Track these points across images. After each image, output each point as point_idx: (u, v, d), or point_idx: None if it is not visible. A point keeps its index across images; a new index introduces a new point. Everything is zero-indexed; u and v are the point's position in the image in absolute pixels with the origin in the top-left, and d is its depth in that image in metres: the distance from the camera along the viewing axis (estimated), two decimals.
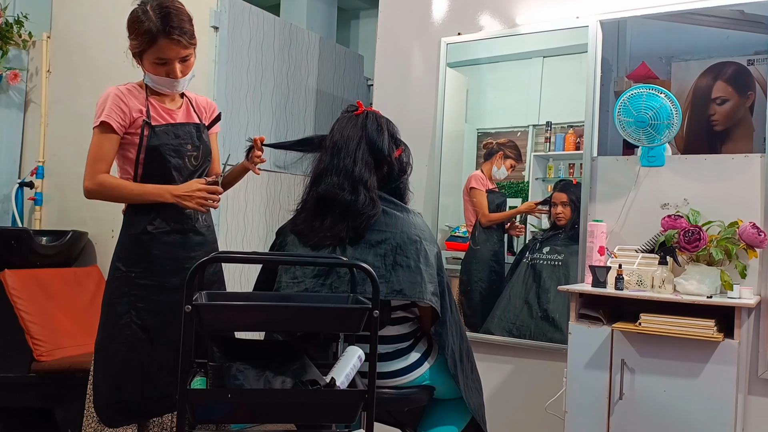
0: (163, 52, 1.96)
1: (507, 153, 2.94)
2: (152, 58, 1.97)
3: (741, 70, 2.64)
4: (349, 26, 5.19)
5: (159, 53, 1.96)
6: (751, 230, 2.20)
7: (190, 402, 1.42)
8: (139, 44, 1.97)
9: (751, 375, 2.30)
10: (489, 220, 2.97)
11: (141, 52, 1.98)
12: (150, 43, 1.95)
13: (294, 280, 1.81)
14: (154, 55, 1.97)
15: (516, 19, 2.89)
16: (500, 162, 2.93)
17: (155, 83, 2.02)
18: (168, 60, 1.98)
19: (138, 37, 1.96)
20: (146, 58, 1.98)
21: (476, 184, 2.98)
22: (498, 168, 2.93)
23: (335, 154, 1.85)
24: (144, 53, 1.98)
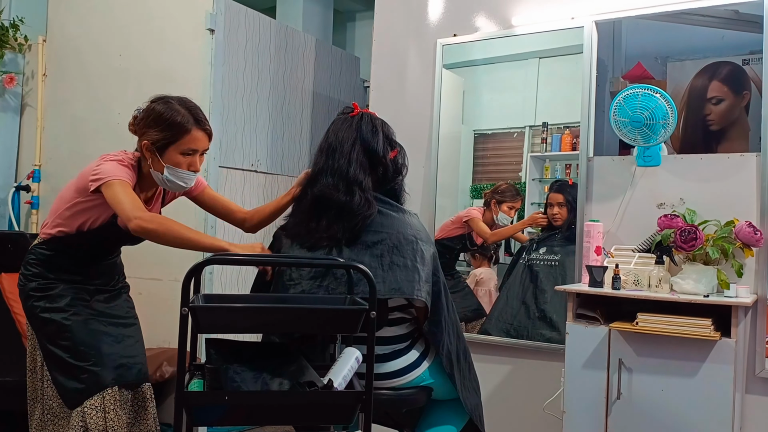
0: (196, 142, 1.98)
1: (498, 198, 2.94)
2: (182, 148, 1.96)
3: (736, 70, 2.65)
4: (345, 28, 5.19)
5: (192, 144, 1.97)
6: (747, 229, 2.21)
7: (188, 404, 1.41)
8: (169, 136, 1.95)
9: (749, 374, 2.31)
10: (496, 238, 2.98)
11: (167, 144, 1.96)
12: (183, 134, 1.95)
13: (290, 281, 1.81)
14: (185, 146, 1.96)
15: (511, 20, 2.90)
16: (497, 209, 2.94)
17: (172, 178, 1.99)
18: (196, 151, 1.99)
19: (167, 129, 1.95)
20: (172, 150, 1.96)
21: (470, 214, 3.01)
22: (497, 215, 2.94)
23: (330, 155, 1.86)
24: (171, 145, 1.96)
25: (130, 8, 3.44)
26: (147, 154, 1.99)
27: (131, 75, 3.41)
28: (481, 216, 2.98)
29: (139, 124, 2.01)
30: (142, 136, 1.99)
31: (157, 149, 1.96)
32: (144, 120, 1.99)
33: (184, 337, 1.41)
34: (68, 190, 2.11)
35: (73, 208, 2.07)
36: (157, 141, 1.96)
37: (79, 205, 2.05)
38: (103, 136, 3.47)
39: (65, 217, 2.09)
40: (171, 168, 1.98)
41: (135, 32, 3.41)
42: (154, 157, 1.98)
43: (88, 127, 3.55)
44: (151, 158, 1.98)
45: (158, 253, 3.14)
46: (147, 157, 2.00)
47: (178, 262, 3.02)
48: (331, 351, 1.80)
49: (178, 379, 1.40)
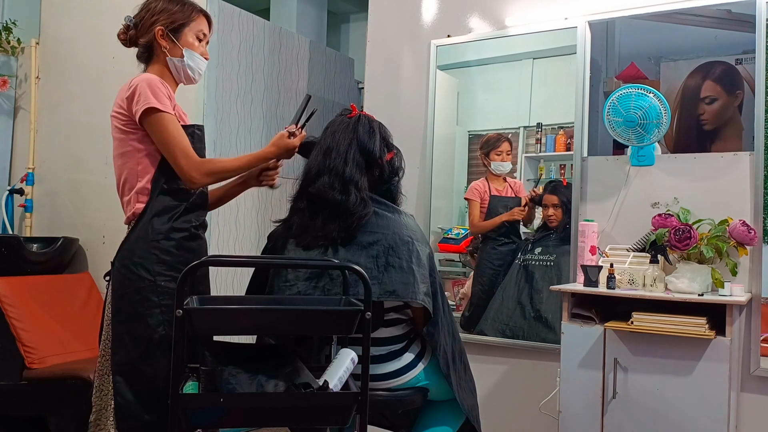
0: (205, 26, 1.98)
1: (485, 151, 2.94)
2: (196, 30, 1.95)
3: (729, 70, 2.66)
4: (339, 30, 5.19)
5: (202, 26, 1.97)
6: (741, 228, 2.22)
7: (183, 407, 1.41)
8: (184, 15, 1.93)
9: (744, 372, 2.31)
10: (477, 229, 2.98)
11: (182, 24, 1.93)
12: (196, 14, 1.95)
13: (286, 283, 1.80)
14: (198, 28, 1.96)
15: (505, 21, 2.90)
16: (488, 161, 2.93)
17: (191, 63, 1.95)
18: (205, 37, 1.98)
19: (182, 11, 1.93)
20: (188, 32, 1.94)
21: (470, 195, 2.99)
22: (489, 166, 2.92)
23: (326, 155, 1.86)
24: (186, 26, 1.94)
25: (123, 10, 3.42)
26: (162, 41, 1.92)
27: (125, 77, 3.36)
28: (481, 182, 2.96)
29: (142, 21, 1.95)
30: (150, 26, 1.92)
31: (172, 32, 1.92)
32: (148, 12, 1.94)
33: (179, 339, 1.41)
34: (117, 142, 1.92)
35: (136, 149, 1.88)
36: (173, 22, 1.92)
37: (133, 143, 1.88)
38: (97, 139, 3.46)
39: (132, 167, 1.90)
40: (189, 51, 1.95)
41: None
42: (170, 43, 1.93)
43: (82, 130, 3.54)
44: (168, 45, 1.93)
45: None
46: (163, 45, 1.92)
47: None
48: (327, 352, 1.80)
49: (172, 382, 1.40)
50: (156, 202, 1.86)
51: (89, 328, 3.12)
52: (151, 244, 1.83)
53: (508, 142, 2.91)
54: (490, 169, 2.94)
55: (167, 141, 1.83)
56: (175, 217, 1.88)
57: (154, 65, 1.96)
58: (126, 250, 1.85)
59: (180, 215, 1.89)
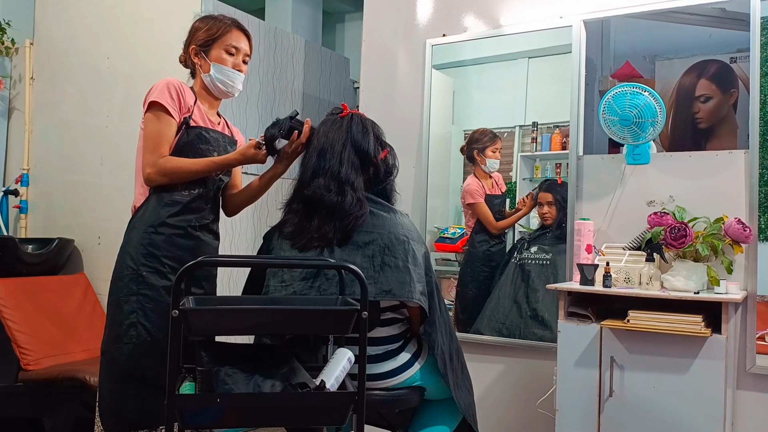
0: (238, 40, 2.06)
1: (479, 147, 2.92)
2: (225, 45, 2.04)
3: (724, 68, 2.67)
4: (335, 29, 5.19)
5: (233, 40, 2.05)
6: (736, 226, 2.22)
7: (179, 407, 1.41)
8: (214, 33, 2.03)
9: (740, 369, 2.32)
10: (499, 228, 2.96)
11: (212, 41, 2.03)
12: (225, 31, 2.04)
13: (282, 283, 1.80)
14: (227, 43, 2.04)
15: (500, 20, 2.91)
16: (482, 158, 2.92)
17: (219, 76, 2.04)
18: (238, 50, 2.06)
19: (212, 27, 2.04)
20: (216, 48, 2.04)
21: (472, 198, 2.97)
22: (483, 164, 2.91)
23: (321, 156, 1.85)
24: (215, 42, 2.03)
25: (117, 10, 3.43)
26: (196, 59, 2.06)
27: (119, 77, 3.39)
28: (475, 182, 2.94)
29: (185, 42, 2.09)
30: (188, 47, 2.07)
31: (202, 49, 2.04)
32: (189, 33, 2.08)
33: (175, 339, 1.41)
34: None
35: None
36: (201, 40, 2.04)
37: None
38: (92, 139, 3.46)
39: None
40: (216, 65, 2.03)
41: (123, 34, 3.39)
42: (201, 60, 2.05)
43: (77, 131, 3.53)
44: (200, 62, 2.05)
45: None
46: (197, 62, 2.06)
47: None
48: (323, 352, 1.80)
49: (168, 382, 1.40)
50: (154, 196, 1.97)
51: (85, 330, 3.11)
52: (142, 235, 1.93)
53: (497, 137, 2.91)
54: (483, 167, 2.92)
55: (145, 133, 1.95)
56: (171, 213, 1.95)
57: (196, 81, 2.10)
58: (124, 238, 1.98)
59: (178, 213, 1.96)
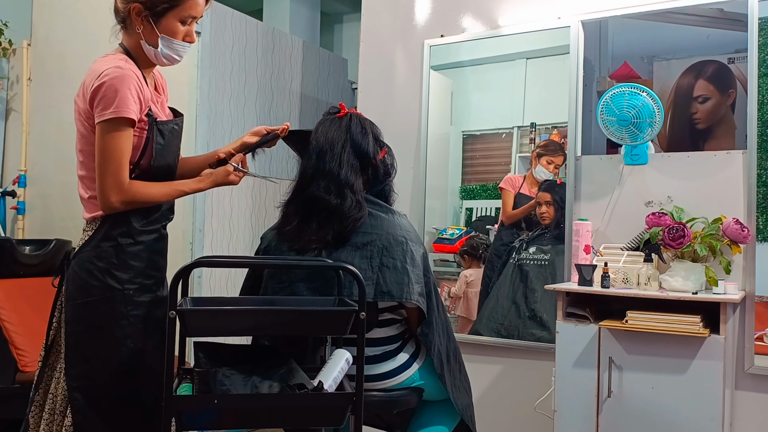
0: (195, 7, 1.70)
1: (539, 152, 2.89)
2: (180, 15, 1.69)
3: (722, 69, 2.67)
4: (333, 30, 5.19)
5: (193, 9, 1.70)
6: (734, 226, 2.22)
7: (177, 409, 1.40)
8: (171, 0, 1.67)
9: (738, 370, 2.32)
10: (508, 217, 2.93)
11: (167, 9, 1.67)
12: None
13: (280, 284, 1.80)
14: (183, 13, 1.69)
15: (498, 21, 2.91)
16: (536, 162, 2.90)
17: (167, 51, 1.71)
18: (194, 19, 1.73)
19: None
20: (170, 17, 1.67)
21: (505, 185, 2.94)
22: (535, 168, 2.90)
23: (320, 157, 1.84)
24: (171, 10, 1.67)
25: None
26: (136, 20, 1.67)
27: None
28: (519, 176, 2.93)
29: None
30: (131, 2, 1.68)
31: (151, 14, 1.67)
32: None
33: (172, 340, 1.40)
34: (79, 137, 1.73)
35: None
36: (154, 5, 1.66)
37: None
38: None
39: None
40: (166, 39, 1.70)
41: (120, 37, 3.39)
42: (145, 26, 1.68)
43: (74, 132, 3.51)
44: (143, 27, 1.68)
45: None
46: (135, 24, 1.68)
47: None
48: (321, 353, 1.79)
49: (166, 384, 1.39)
50: None
51: None
52: (120, 248, 1.68)
53: (563, 156, 2.83)
54: (533, 170, 2.91)
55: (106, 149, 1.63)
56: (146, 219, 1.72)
57: (129, 38, 1.73)
58: (89, 253, 1.67)
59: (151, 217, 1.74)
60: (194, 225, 3.07)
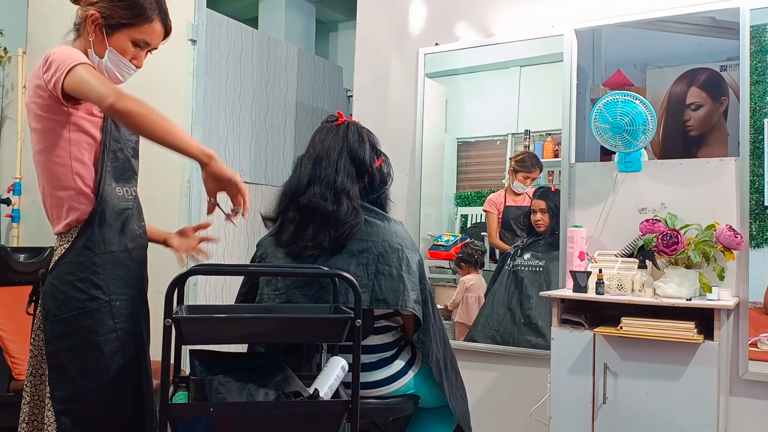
0: (152, 35, 1.65)
1: (515, 167, 2.94)
2: (134, 36, 1.63)
3: (714, 76, 2.69)
4: (328, 38, 5.21)
5: (147, 35, 1.64)
6: (727, 233, 2.24)
7: (172, 417, 1.40)
8: (127, 15, 1.61)
9: (732, 376, 2.33)
10: (493, 244, 3.00)
11: (120, 25, 1.61)
12: (143, 20, 1.63)
13: (276, 291, 1.80)
14: (138, 35, 1.63)
15: (492, 29, 2.92)
16: (513, 177, 2.94)
17: (110, 66, 1.64)
18: (147, 46, 1.67)
19: (128, 8, 1.61)
20: (123, 34, 1.62)
21: (488, 207, 2.99)
22: (512, 183, 2.93)
23: (317, 164, 1.85)
24: (124, 28, 1.61)
25: None
26: (90, 27, 1.61)
27: None
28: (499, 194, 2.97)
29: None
30: (89, 4, 1.61)
31: (106, 26, 1.60)
32: None
33: (167, 348, 1.40)
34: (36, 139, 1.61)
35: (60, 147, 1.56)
36: (110, 17, 1.60)
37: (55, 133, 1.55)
38: None
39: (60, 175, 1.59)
40: (113, 53, 1.62)
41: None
42: (97, 35, 1.61)
43: None
44: (94, 35, 1.61)
45: None
46: (89, 31, 1.61)
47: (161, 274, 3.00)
48: (317, 360, 1.79)
49: (161, 392, 1.39)
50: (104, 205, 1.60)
51: None
52: (104, 256, 1.58)
53: (539, 170, 2.90)
54: (512, 185, 2.94)
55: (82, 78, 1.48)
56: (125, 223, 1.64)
57: (79, 45, 1.66)
58: (69, 264, 1.56)
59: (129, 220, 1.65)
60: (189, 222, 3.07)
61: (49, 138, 1.58)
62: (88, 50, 1.62)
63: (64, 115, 1.56)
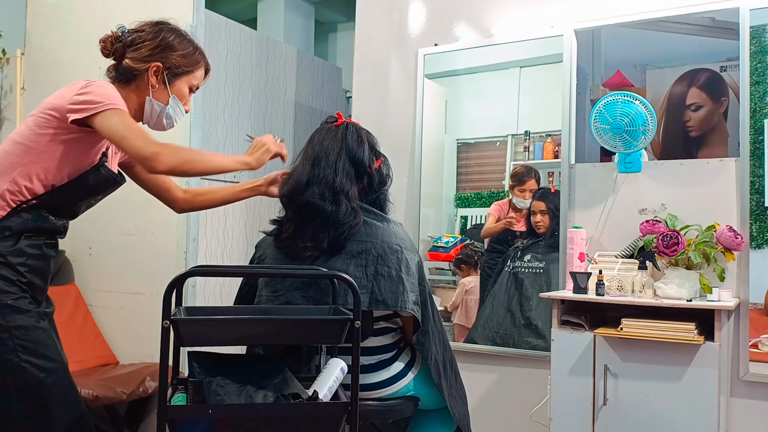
0: (200, 78, 1.82)
1: (511, 183, 2.94)
2: (191, 82, 1.79)
3: (714, 77, 2.68)
4: (327, 39, 5.21)
5: (198, 79, 1.81)
6: (728, 233, 2.23)
7: (170, 419, 1.39)
8: (188, 64, 1.76)
9: (733, 377, 2.32)
10: (485, 235, 3.01)
11: (182, 73, 1.76)
12: (198, 66, 1.79)
13: (275, 293, 1.79)
14: (193, 80, 1.79)
15: (492, 30, 2.92)
16: (512, 193, 2.93)
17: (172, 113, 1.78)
18: (197, 88, 1.83)
19: (190, 56, 1.76)
20: (182, 81, 1.77)
21: (492, 210, 3.00)
22: (513, 198, 2.93)
23: (315, 164, 1.84)
24: (184, 75, 1.77)
25: (109, 21, 3.40)
26: (152, 78, 1.72)
27: None
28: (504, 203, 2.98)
29: (140, 43, 1.71)
30: (147, 56, 1.71)
31: (170, 76, 1.74)
32: (154, 38, 1.72)
33: (165, 350, 1.39)
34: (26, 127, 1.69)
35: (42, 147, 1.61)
36: (176, 67, 1.74)
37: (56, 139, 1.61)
38: None
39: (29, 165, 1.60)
40: (176, 100, 1.77)
41: None
42: (161, 84, 1.73)
43: None
44: (158, 84, 1.73)
45: (140, 266, 3.12)
46: (150, 82, 1.72)
47: (160, 275, 3.00)
48: (316, 362, 1.79)
49: (160, 394, 1.38)
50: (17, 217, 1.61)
51: (75, 341, 3.08)
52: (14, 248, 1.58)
53: (535, 180, 2.89)
54: (513, 200, 2.94)
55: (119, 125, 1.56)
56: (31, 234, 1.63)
57: (128, 92, 1.74)
58: None
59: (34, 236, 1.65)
60: (188, 234, 3.06)
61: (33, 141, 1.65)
62: (147, 99, 1.74)
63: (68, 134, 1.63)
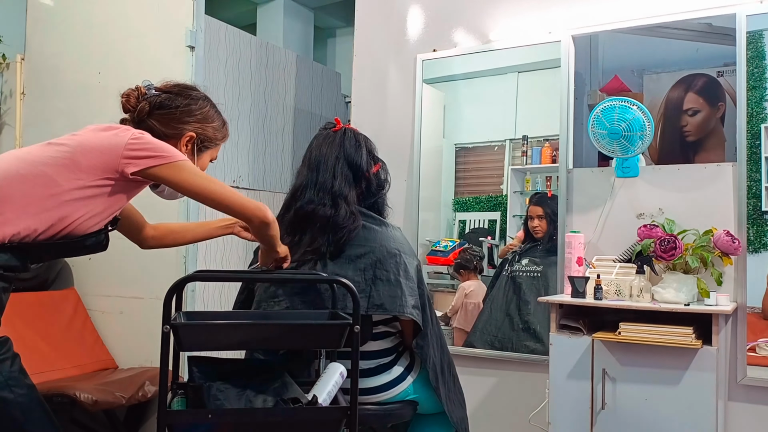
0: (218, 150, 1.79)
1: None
2: (214, 154, 1.77)
3: (711, 82, 2.69)
4: (326, 44, 5.22)
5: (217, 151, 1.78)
6: (725, 238, 2.24)
7: (170, 423, 1.40)
8: (218, 136, 1.74)
9: (731, 381, 2.33)
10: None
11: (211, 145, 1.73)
12: (225, 140, 1.78)
13: (274, 298, 1.80)
14: (216, 152, 1.77)
15: (490, 35, 2.93)
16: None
17: None
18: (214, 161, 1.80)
19: (220, 130, 1.75)
20: (209, 153, 1.74)
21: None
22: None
23: (314, 169, 1.85)
24: (210, 148, 1.74)
25: (109, 26, 3.43)
26: (183, 148, 1.65)
27: (111, 93, 3.34)
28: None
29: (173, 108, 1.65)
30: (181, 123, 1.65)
31: (201, 148, 1.70)
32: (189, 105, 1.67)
33: (165, 355, 1.40)
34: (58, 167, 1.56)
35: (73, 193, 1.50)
36: (209, 139, 1.71)
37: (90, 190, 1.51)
38: None
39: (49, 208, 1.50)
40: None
41: (114, 50, 3.40)
42: (190, 156, 1.67)
43: None
44: (187, 155, 1.66)
45: (139, 271, 3.13)
46: (184, 152, 1.65)
47: (159, 280, 3.00)
48: (316, 366, 1.79)
49: (160, 398, 1.39)
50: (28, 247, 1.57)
51: (75, 345, 3.09)
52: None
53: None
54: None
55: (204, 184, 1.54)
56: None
57: None
58: None
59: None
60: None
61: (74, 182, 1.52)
62: None
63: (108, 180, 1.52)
